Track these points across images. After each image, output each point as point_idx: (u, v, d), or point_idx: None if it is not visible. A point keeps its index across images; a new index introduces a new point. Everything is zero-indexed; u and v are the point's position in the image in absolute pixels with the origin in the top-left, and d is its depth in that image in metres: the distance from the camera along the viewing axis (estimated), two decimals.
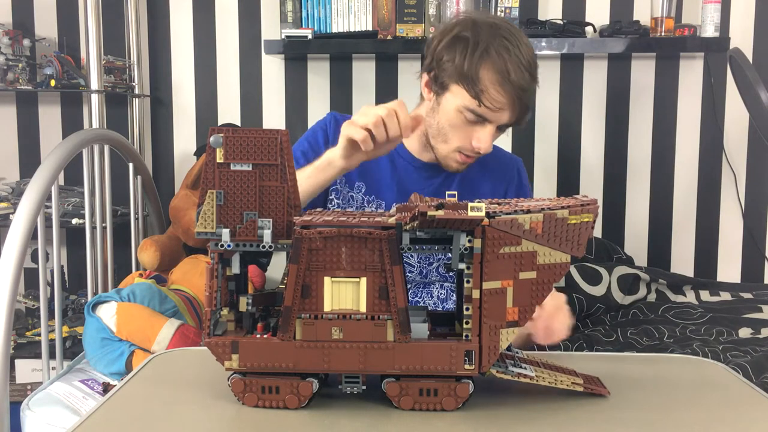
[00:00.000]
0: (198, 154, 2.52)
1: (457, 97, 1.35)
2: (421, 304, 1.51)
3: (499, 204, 0.84)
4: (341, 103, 2.59)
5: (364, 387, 0.82)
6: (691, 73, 2.55)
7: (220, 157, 0.79)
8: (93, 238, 2.03)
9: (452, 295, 1.52)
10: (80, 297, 2.45)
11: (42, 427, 1.54)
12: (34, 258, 2.51)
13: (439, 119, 1.40)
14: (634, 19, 2.44)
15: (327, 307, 0.80)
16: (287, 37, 2.34)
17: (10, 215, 2.29)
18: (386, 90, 2.58)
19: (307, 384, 0.81)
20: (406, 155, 1.51)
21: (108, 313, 1.68)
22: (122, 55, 2.52)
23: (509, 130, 1.56)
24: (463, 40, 1.34)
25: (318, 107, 2.60)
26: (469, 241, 0.78)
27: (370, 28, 2.40)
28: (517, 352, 0.90)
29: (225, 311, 0.83)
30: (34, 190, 1.67)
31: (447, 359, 0.79)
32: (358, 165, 1.34)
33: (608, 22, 2.45)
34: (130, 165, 2.26)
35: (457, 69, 1.33)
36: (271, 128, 0.80)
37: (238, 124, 2.61)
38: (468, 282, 0.78)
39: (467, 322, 0.79)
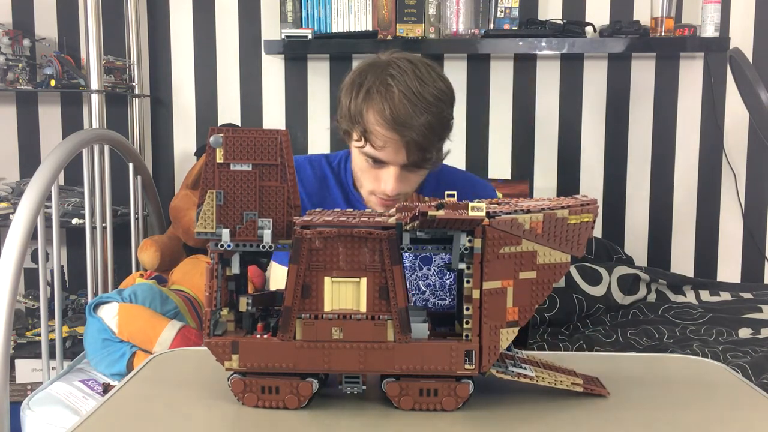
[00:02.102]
0: (198, 154, 2.52)
1: (355, 142, 1.35)
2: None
3: (499, 204, 0.84)
4: None
5: (364, 387, 0.82)
6: (691, 73, 2.55)
7: (220, 157, 0.79)
8: (93, 238, 2.03)
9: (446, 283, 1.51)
10: (80, 297, 2.45)
11: (42, 426, 1.54)
12: (34, 258, 2.51)
13: (353, 165, 1.41)
14: (634, 19, 2.44)
15: (327, 307, 0.80)
16: (287, 37, 2.34)
17: (10, 215, 2.29)
18: None
19: (306, 384, 0.81)
20: (360, 198, 1.49)
21: (109, 314, 1.68)
22: (122, 55, 2.52)
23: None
24: (352, 84, 1.34)
25: (318, 107, 2.60)
26: (469, 241, 0.78)
27: (370, 28, 2.40)
28: (517, 353, 0.90)
29: (225, 311, 0.83)
30: (34, 190, 1.67)
31: (447, 359, 0.79)
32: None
33: (608, 22, 2.45)
34: (130, 165, 2.26)
35: (347, 114, 1.33)
36: (271, 128, 0.80)
37: (238, 124, 2.61)
38: (468, 282, 0.78)
39: (467, 322, 0.79)
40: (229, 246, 0.80)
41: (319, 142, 2.61)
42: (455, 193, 0.84)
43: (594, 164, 2.60)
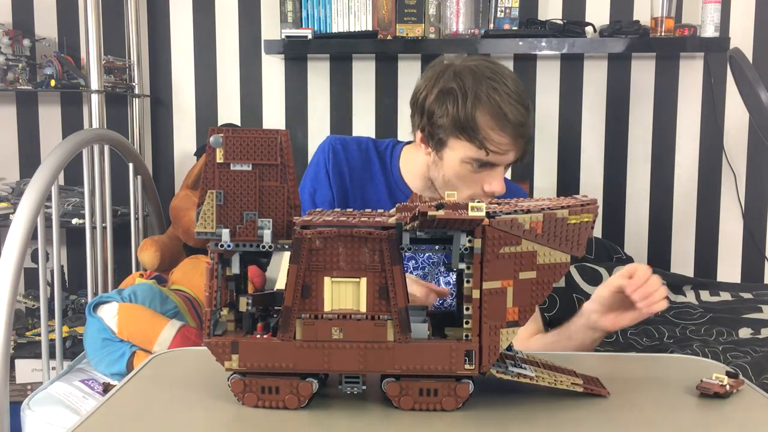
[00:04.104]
0: (198, 154, 2.52)
1: (458, 149, 1.33)
2: None
3: (499, 204, 0.84)
4: (341, 103, 2.59)
5: (364, 387, 0.82)
6: (691, 73, 2.55)
7: (220, 157, 0.79)
8: (93, 238, 2.03)
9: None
10: (80, 297, 2.45)
11: (42, 426, 1.54)
12: (34, 258, 2.51)
13: (444, 173, 1.38)
14: (634, 19, 2.44)
15: (327, 307, 0.80)
16: (287, 37, 2.34)
17: (10, 215, 2.29)
18: (386, 90, 2.58)
19: (306, 384, 0.81)
20: (405, 190, 1.48)
21: (109, 314, 1.68)
22: (122, 55, 2.52)
23: None
24: (451, 92, 1.32)
25: (318, 107, 2.60)
26: (469, 241, 0.78)
27: (370, 28, 2.40)
28: (517, 353, 0.90)
29: (225, 311, 0.83)
30: (34, 190, 1.67)
31: (447, 359, 0.79)
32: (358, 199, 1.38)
33: (608, 22, 2.45)
34: (130, 165, 2.26)
35: (453, 122, 1.31)
36: (271, 128, 0.80)
37: (238, 124, 2.61)
38: (468, 282, 0.78)
39: (467, 322, 0.79)
40: (229, 246, 0.80)
41: (319, 142, 2.61)
42: (455, 193, 0.84)
43: (594, 164, 2.60)
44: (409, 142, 1.54)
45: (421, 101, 1.37)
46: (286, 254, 0.81)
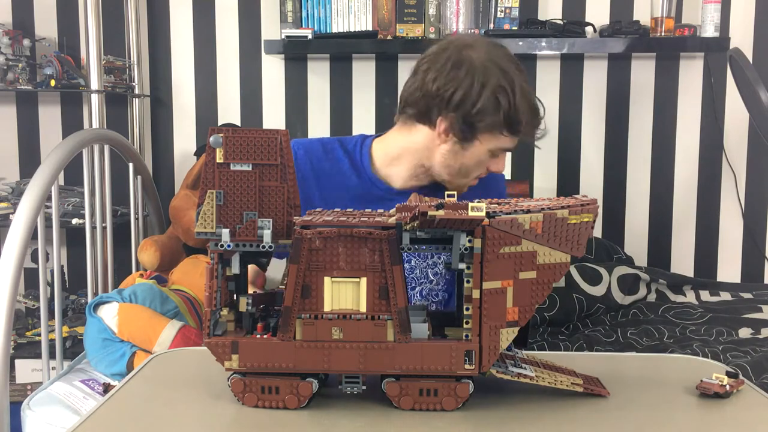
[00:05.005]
0: (198, 154, 2.52)
1: (490, 142, 1.38)
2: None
3: (499, 204, 0.84)
4: (341, 103, 2.59)
5: (364, 387, 0.82)
6: (691, 73, 2.55)
7: (219, 157, 0.79)
8: (93, 238, 2.03)
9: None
10: (80, 297, 2.45)
11: (42, 426, 1.54)
12: (34, 258, 2.51)
13: (465, 161, 1.41)
14: (634, 19, 2.44)
15: (327, 307, 0.80)
16: (287, 37, 2.34)
17: (10, 215, 2.29)
18: (386, 90, 2.58)
19: (306, 384, 0.81)
20: (380, 184, 1.47)
21: (109, 314, 1.68)
22: (122, 55, 2.52)
23: None
24: (502, 90, 1.33)
25: (318, 107, 2.60)
26: (469, 241, 0.78)
27: (370, 28, 2.40)
28: (517, 353, 0.90)
29: (225, 311, 0.83)
30: (34, 190, 1.67)
31: (447, 359, 0.79)
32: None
33: (608, 22, 2.45)
34: (130, 165, 2.26)
35: (505, 120, 1.35)
36: (271, 128, 0.80)
37: (238, 124, 2.61)
38: (468, 282, 0.78)
39: (467, 322, 0.79)
40: (229, 246, 0.80)
41: None
42: (455, 193, 0.84)
43: (594, 164, 2.60)
44: (378, 136, 1.51)
45: (450, 95, 1.34)
46: (275, 260, 0.81)
